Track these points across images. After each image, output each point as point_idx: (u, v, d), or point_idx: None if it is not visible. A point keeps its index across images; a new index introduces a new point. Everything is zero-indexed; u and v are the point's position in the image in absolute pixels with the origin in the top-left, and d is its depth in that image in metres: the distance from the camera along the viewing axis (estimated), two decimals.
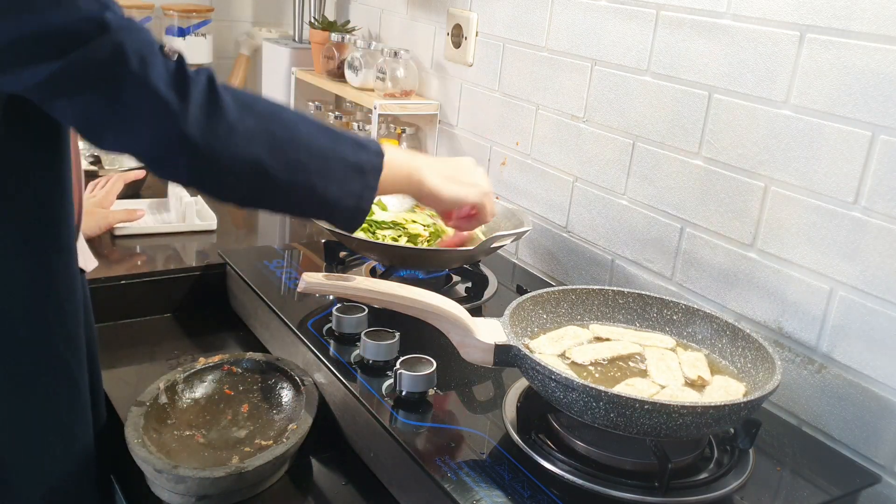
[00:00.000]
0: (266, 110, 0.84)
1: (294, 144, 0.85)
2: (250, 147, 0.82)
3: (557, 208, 1.62)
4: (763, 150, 1.20)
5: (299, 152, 0.85)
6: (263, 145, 0.82)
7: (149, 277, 1.49)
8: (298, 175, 0.85)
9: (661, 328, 1.16)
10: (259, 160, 0.82)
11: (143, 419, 1.06)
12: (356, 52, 2.00)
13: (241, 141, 0.81)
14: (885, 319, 1.07)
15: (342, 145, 0.89)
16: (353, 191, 0.89)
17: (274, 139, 0.83)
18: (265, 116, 0.84)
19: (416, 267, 1.42)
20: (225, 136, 0.80)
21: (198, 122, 0.78)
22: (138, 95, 0.77)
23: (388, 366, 1.13)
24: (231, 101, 0.81)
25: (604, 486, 0.93)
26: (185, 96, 0.78)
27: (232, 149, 0.80)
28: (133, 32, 0.77)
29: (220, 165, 0.81)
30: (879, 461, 1.09)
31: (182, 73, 0.80)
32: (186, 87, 0.79)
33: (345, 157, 0.89)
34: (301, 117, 0.87)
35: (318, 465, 1.11)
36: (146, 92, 0.77)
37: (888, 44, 1.03)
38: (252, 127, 0.82)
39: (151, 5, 2.21)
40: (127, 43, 0.76)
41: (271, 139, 0.83)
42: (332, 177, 0.87)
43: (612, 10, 1.43)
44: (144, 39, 0.78)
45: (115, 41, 0.75)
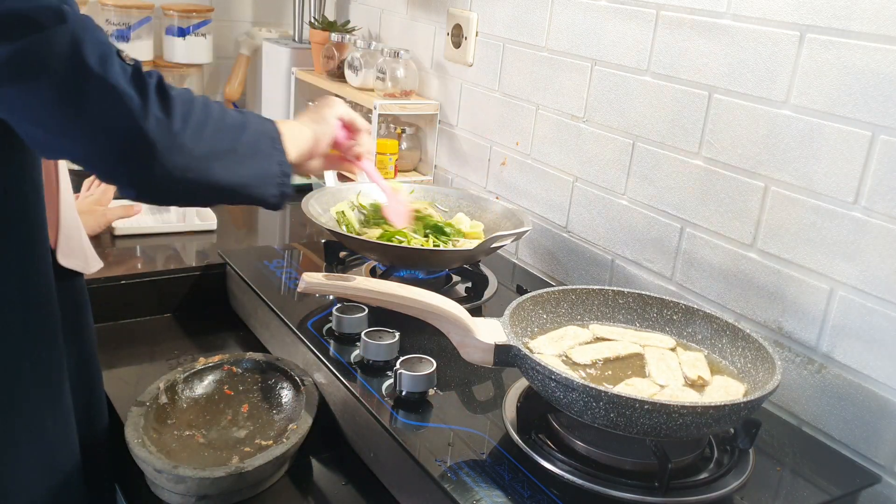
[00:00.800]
0: (200, 103, 0.86)
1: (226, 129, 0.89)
2: (198, 142, 0.84)
3: (557, 208, 1.62)
4: (763, 150, 1.20)
5: (235, 134, 0.89)
6: (207, 138, 0.85)
7: (149, 277, 1.49)
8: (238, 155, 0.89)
9: (661, 328, 1.16)
10: (205, 155, 0.85)
11: (143, 419, 1.06)
12: (356, 52, 2.00)
13: (190, 137, 0.83)
14: (884, 319, 1.07)
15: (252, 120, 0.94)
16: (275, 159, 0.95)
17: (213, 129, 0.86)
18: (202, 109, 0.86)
19: (416, 267, 1.42)
20: (179, 133, 0.81)
21: (157, 121, 0.79)
22: (98, 91, 0.76)
23: (388, 366, 1.13)
24: (179, 101, 0.83)
25: (604, 486, 0.92)
26: (144, 95, 0.78)
27: (185, 145, 0.82)
28: (90, 30, 0.77)
29: (173, 164, 0.81)
30: (879, 461, 1.09)
31: (139, 74, 0.80)
32: (144, 86, 0.79)
33: (262, 131, 0.94)
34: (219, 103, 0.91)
35: (318, 465, 1.11)
36: (106, 88, 0.76)
37: (888, 44, 1.03)
38: (196, 122, 0.84)
39: (151, 5, 2.21)
40: (85, 38, 0.76)
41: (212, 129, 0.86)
42: (259, 152, 0.93)
43: (612, 10, 1.43)
44: (101, 39, 0.78)
45: (74, 33, 0.75)
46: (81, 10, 0.80)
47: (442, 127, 1.96)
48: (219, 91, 2.50)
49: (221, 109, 0.89)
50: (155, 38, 2.26)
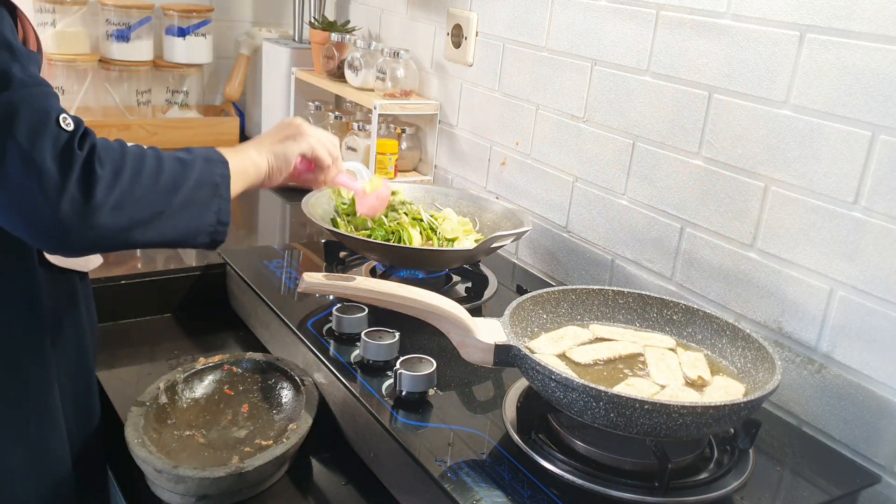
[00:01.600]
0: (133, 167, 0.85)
1: (159, 192, 0.88)
2: (118, 217, 0.83)
3: (557, 208, 1.62)
4: (763, 150, 1.20)
5: (164, 196, 0.88)
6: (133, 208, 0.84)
7: (149, 277, 1.49)
8: (164, 218, 0.88)
9: (661, 328, 1.16)
10: (128, 224, 0.84)
11: (143, 419, 1.06)
12: (356, 52, 2.00)
13: (108, 215, 0.82)
14: (884, 319, 1.07)
15: (195, 170, 0.92)
16: (211, 209, 0.93)
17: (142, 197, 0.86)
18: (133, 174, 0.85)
19: (416, 267, 1.42)
20: (95, 212, 0.80)
21: (72, 202, 0.79)
22: (20, 166, 0.76)
23: (388, 366, 1.13)
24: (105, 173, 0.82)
25: (604, 486, 0.93)
26: (66, 174, 0.78)
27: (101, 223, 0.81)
28: (31, 97, 0.77)
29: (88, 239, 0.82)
30: (879, 461, 1.09)
31: (69, 148, 0.79)
32: (70, 163, 0.79)
33: (201, 181, 0.92)
34: (159, 157, 0.90)
35: (318, 465, 1.11)
36: (29, 165, 0.76)
37: (888, 44, 1.03)
38: (119, 195, 0.83)
39: (151, 5, 2.21)
40: (21, 106, 0.76)
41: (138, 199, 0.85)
42: (192, 205, 0.91)
43: (612, 10, 1.43)
44: (41, 107, 0.78)
45: (11, 102, 0.75)
46: (80, 12, 0.80)
47: (442, 127, 1.96)
48: (219, 91, 2.51)
49: (156, 171, 0.87)
50: (155, 38, 2.25)
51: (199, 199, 0.92)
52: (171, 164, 0.90)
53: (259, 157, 1.07)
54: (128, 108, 2.28)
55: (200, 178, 0.92)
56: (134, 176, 0.84)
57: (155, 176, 0.87)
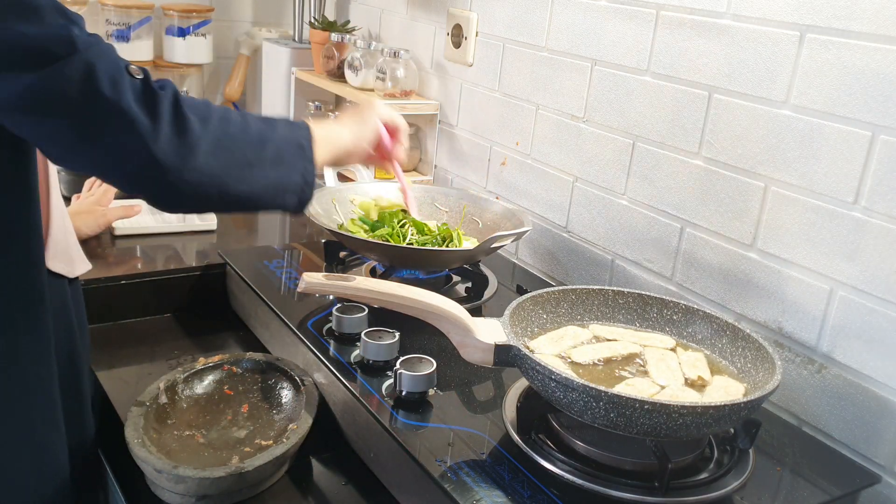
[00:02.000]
0: (220, 115, 0.88)
1: (248, 141, 0.89)
2: (212, 160, 0.85)
3: (557, 208, 1.62)
4: (763, 150, 1.20)
5: (254, 147, 0.90)
6: (226, 152, 0.86)
7: (149, 277, 1.49)
8: (255, 169, 0.90)
9: (661, 328, 1.16)
10: (223, 168, 0.86)
11: (143, 419, 1.06)
12: (356, 52, 2.00)
13: (204, 156, 0.84)
14: (884, 319, 1.07)
15: (279, 129, 0.95)
16: (298, 168, 0.95)
17: (232, 143, 0.88)
18: (222, 121, 0.87)
19: (416, 267, 1.42)
20: (191, 153, 0.83)
21: (168, 142, 0.80)
22: (111, 118, 0.78)
23: (388, 366, 1.13)
24: (194, 117, 0.84)
25: (604, 486, 0.93)
26: (155, 116, 0.80)
27: (198, 165, 0.83)
28: (101, 52, 0.78)
29: (186, 182, 0.83)
30: (879, 461, 1.09)
31: (150, 92, 0.81)
32: (156, 106, 0.81)
33: (288, 139, 0.95)
34: (244, 113, 0.92)
35: (318, 465, 1.11)
36: (119, 114, 0.78)
37: (888, 44, 1.03)
38: (212, 139, 0.85)
39: (151, 5, 2.21)
40: (97, 63, 0.77)
41: (229, 145, 0.87)
42: (280, 161, 0.93)
43: (612, 10, 1.43)
44: (112, 59, 0.79)
45: (87, 61, 0.76)
46: (80, 12, 0.80)
47: (442, 127, 1.96)
48: (219, 91, 2.50)
49: (243, 121, 0.90)
50: (155, 38, 2.26)
51: (287, 156, 0.93)
52: (255, 120, 0.92)
53: (341, 128, 1.09)
54: None
55: (285, 136, 0.94)
56: (222, 123, 0.86)
57: (242, 127, 0.89)
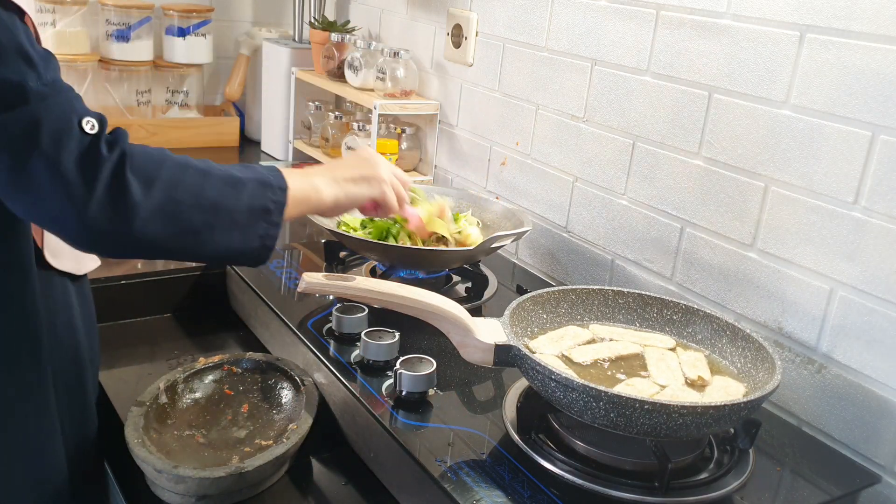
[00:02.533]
0: (170, 178, 0.82)
1: (198, 207, 0.84)
2: (151, 227, 0.81)
3: (557, 208, 1.62)
4: (763, 150, 1.20)
5: (204, 213, 0.85)
6: (167, 220, 0.82)
7: (149, 277, 1.49)
8: (202, 236, 0.85)
9: (661, 328, 1.16)
10: (162, 236, 0.82)
11: (143, 419, 1.06)
12: (356, 52, 2.00)
13: (141, 224, 0.80)
14: (885, 319, 1.07)
15: (246, 192, 0.88)
16: (257, 233, 0.89)
17: (177, 210, 0.82)
18: (170, 185, 0.82)
19: (416, 267, 1.42)
20: (126, 222, 0.79)
21: (100, 210, 0.77)
22: (45, 177, 0.76)
23: (388, 366, 1.13)
24: (137, 182, 0.79)
25: (604, 486, 0.93)
26: (92, 181, 0.77)
27: (134, 233, 0.80)
28: (52, 106, 0.77)
29: (121, 246, 0.81)
30: (879, 461, 1.09)
31: (95, 154, 0.78)
32: (96, 170, 0.77)
33: (251, 205, 0.88)
34: (205, 172, 0.86)
35: (318, 465, 1.11)
36: (53, 175, 0.76)
37: (888, 44, 1.03)
38: (154, 206, 0.80)
39: (151, 5, 2.21)
40: (44, 117, 0.76)
41: (173, 212, 0.82)
42: (236, 227, 0.87)
43: (612, 10, 1.43)
44: (63, 114, 0.77)
45: (33, 115, 0.75)
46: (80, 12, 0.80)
47: (442, 127, 1.96)
48: (219, 91, 2.50)
49: (200, 183, 0.84)
50: (155, 38, 2.25)
51: (244, 222, 0.88)
52: (218, 181, 0.86)
53: (326, 188, 1.01)
54: (128, 108, 2.28)
55: (251, 198, 0.88)
56: (171, 188, 0.81)
57: (196, 191, 0.83)
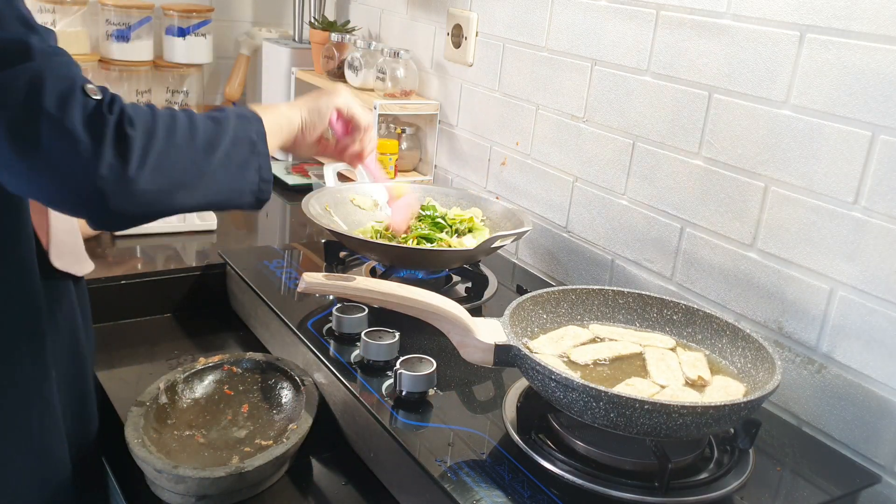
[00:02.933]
0: (166, 128, 0.83)
1: (196, 149, 0.85)
2: (158, 178, 0.81)
3: (557, 208, 1.62)
4: (763, 150, 1.20)
5: (202, 154, 0.86)
6: (171, 167, 0.82)
7: (149, 277, 1.49)
8: (205, 177, 0.86)
9: (661, 328, 1.16)
10: (167, 185, 0.82)
11: (143, 419, 1.06)
12: (356, 52, 2.00)
13: (148, 175, 0.79)
14: (885, 319, 1.07)
15: (230, 128, 0.90)
16: (252, 167, 0.92)
17: (179, 156, 0.83)
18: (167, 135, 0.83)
19: (416, 267, 1.42)
20: (134, 176, 0.78)
21: (109, 166, 0.76)
22: (52, 137, 0.74)
23: (388, 366, 1.13)
24: (138, 135, 0.79)
25: (604, 486, 0.92)
26: (99, 139, 0.76)
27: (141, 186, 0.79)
28: (56, 66, 0.75)
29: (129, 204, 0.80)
30: (879, 461, 1.09)
31: (99, 115, 0.77)
32: (102, 128, 0.76)
33: (238, 138, 0.91)
34: (191, 117, 0.87)
35: (318, 465, 1.11)
36: (60, 134, 0.74)
37: (888, 44, 1.03)
38: (157, 156, 0.80)
39: (151, 5, 2.21)
40: (47, 75, 0.74)
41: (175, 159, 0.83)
42: (232, 163, 0.90)
43: (612, 10, 1.43)
44: (67, 75, 0.76)
45: (36, 72, 0.73)
46: (80, 12, 0.79)
47: (442, 127, 1.96)
48: (219, 91, 2.50)
49: (190, 131, 0.85)
50: (155, 38, 2.25)
51: (239, 157, 0.90)
52: (204, 123, 0.88)
53: (291, 112, 1.06)
54: None
55: (236, 135, 0.90)
56: (168, 136, 0.82)
57: (189, 135, 0.85)
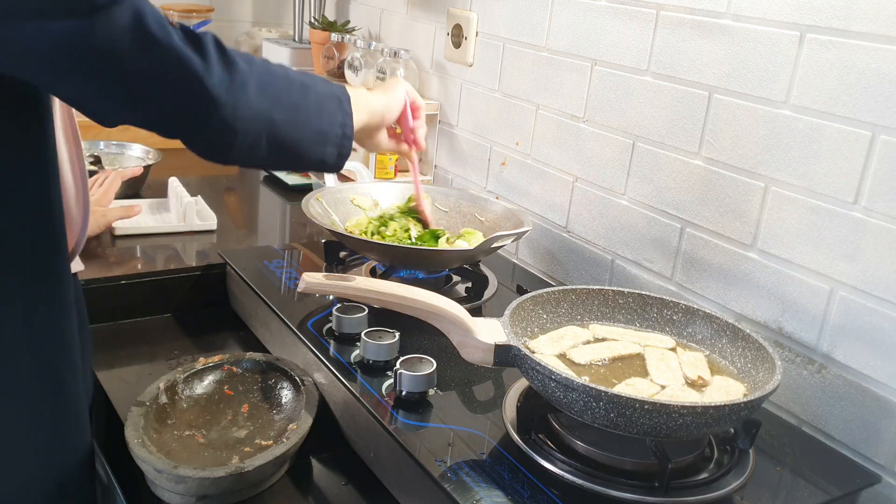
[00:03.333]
0: (260, 60, 0.91)
1: (290, 87, 0.93)
2: (262, 98, 0.88)
3: (557, 208, 1.62)
4: (763, 150, 1.20)
5: (295, 92, 0.93)
6: (270, 93, 0.90)
7: (149, 277, 1.49)
8: (299, 115, 0.93)
9: (661, 328, 1.16)
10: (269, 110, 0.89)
11: (143, 419, 1.06)
12: (356, 52, 2.00)
13: (253, 94, 0.87)
14: (885, 319, 1.07)
15: (319, 81, 0.98)
16: (337, 119, 0.99)
17: (277, 85, 0.91)
18: (263, 66, 0.90)
19: (416, 267, 1.42)
20: (242, 90, 0.85)
21: (220, 79, 0.83)
22: (166, 60, 0.79)
23: (388, 366, 1.13)
24: (238, 57, 0.87)
25: (604, 486, 0.92)
26: (204, 55, 0.82)
27: (249, 102, 0.86)
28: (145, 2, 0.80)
29: (239, 119, 0.86)
30: (879, 461, 1.09)
31: (193, 35, 0.83)
32: (202, 46, 0.83)
33: (328, 92, 0.98)
34: (281, 64, 0.95)
35: (318, 465, 1.11)
36: (173, 55, 0.80)
37: (888, 44, 1.03)
38: (258, 78, 0.88)
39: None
40: (145, 8, 0.79)
41: (275, 86, 0.90)
42: (321, 109, 0.96)
43: (612, 10, 1.43)
44: (154, 9, 0.81)
45: (135, 7, 0.78)
46: None
47: (442, 127, 1.96)
48: None
49: (283, 68, 0.93)
50: None
51: (328, 106, 0.97)
52: (293, 70, 0.95)
53: (370, 94, 1.12)
54: None
55: (324, 89, 0.97)
56: (265, 65, 0.89)
57: (284, 73, 0.92)
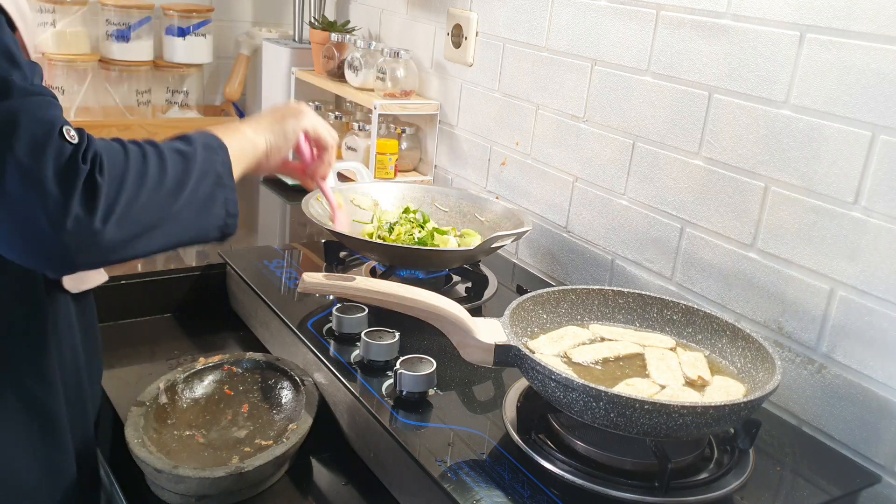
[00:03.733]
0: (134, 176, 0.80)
1: (166, 192, 0.83)
2: (125, 228, 0.78)
3: (557, 208, 1.62)
4: (763, 150, 1.20)
5: (171, 197, 0.83)
6: (136, 220, 0.79)
7: (149, 277, 1.49)
8: (172, 220, 0.84)
9: (661, 328, 1.16)
10: (135, 232, 0.80)
11: (143, 419, 1.06)
12: (356, 52, 2.00)
13: (114, 227, 0.77)
14: (885, 319, 1.07)
15: (196, 162, 0.88)
16: (219, 201, 0.89)
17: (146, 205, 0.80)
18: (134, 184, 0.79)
19: (416, 267, 1.42)
20: (99, 231, 0.75)
21: (76, 221, 0.73)
22: (19, 183, 0.71)
23: (388, 366, 1.13)
24: (108, 186, 0.76)
25: (604, 486, 0.92)
26: (69, 192, 0.73)
27: (106, 239, 0.76)
28: (35, 108, 0.73)
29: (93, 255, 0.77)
30: (879, 461, 1.09)
31: (73, 166, 0.73)
32: (74, 180, 0.73)
33: (203, 172, 0.88)
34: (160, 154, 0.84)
35: (318, 465, 1.11)
36: (29, 183, 0.71)
37: (888, 44, 1.03)
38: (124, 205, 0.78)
39: (151, 5, 2.21)
40: (23, 116, 0.71)
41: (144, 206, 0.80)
42: (198, 202, 0.87)
43: (612, 10, 1.43)
44: (43, 117, 0.73)
45: (12, 110, 0.71)
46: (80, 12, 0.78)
47: (442, 127, 1.96)
48: (219, 91, 2.50)
49: (159, 174, 0.82)
50: (155, 38, 2.25)
51: (206, 194, 0.88)
52: (173, 160, 0.84)
53: (256, 135, 1.03)
54: (128, 108, 2.28)
55: (203, 170, 0.87)
56: (138, 182, 0.79)
57: (159, 178, 0.81)
